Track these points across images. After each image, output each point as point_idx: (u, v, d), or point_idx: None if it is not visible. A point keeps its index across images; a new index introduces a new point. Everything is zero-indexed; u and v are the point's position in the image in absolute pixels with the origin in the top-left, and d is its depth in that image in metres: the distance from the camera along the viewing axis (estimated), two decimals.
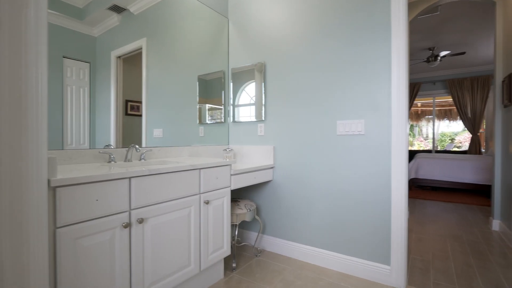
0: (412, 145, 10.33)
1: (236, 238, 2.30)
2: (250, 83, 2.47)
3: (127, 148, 1.75)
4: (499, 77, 2.84)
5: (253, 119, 2.45)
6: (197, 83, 2.35)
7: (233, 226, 2.30)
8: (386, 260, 1.84)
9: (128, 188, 1.25)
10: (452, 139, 9.81)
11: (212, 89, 2.50)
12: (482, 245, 2.52)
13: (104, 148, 1.65)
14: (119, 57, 1.75)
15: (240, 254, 2.31)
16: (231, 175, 1.86)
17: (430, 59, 5.26)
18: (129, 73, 1.81)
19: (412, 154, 7.57)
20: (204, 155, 2.32)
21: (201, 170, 1.63)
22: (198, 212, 1.61)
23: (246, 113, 2.50)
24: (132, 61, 1.83)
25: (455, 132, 9.75)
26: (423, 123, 9.63)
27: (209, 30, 2.43)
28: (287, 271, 2.00)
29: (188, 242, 1.56)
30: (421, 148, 9.65)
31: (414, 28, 4.50)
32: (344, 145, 2.00)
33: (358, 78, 1.93)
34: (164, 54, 2.06)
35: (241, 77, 2.53)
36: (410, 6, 3.26)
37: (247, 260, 2.20)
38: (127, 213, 1.25)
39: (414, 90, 7.05)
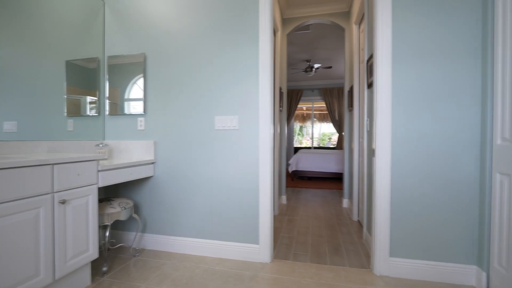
0: (301, 143, 11.95)
1: (108, 239, 2.13)
2: (141, 77, 2.33)
3: None
4: (346, 88, 3.65)
5: (133, 112, 2.32)
6: (65, 69, 2.04)
7: (104, 227, 2.11)
8: (255, 240, 2.09)
9: None
10: (330, 138, 11.90)
11: (85, 78, 2.22)
12: (333, 220, 3.18)
13: None
14: None
15: (115, 256, 2.16)
16: (99, 171, 1.71)
17: (308, 69, 6.23)
18: None
19: (297, 151, 8.74)
20: (69, 150, 2.04)
21: (55, 165, 1.44)
22: (50, 213, 1.42)
23: (136, 107, 2.34)
24: None
25: (332, 132, 11.87)
26: (309, 124, 11.25)
27: (81, 11, 2.15)
28: (166, 266, 2.00)
29: (35, 248, 1.35)
30: (308, 146, 11.22)
31: (294, 42, 5.23)
32: (221, 139, 2.15)
33: (233, 78, 2.11)
34: (18, 31, 1.69)
35: (128, 69, 2.34)
36: (286, 22, 3.78)
37: (124, 261, 2.07)
38: None
39: (298, 96, 8.17)
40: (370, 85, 2.38)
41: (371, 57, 2.30)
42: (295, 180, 5.91)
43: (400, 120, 1.85)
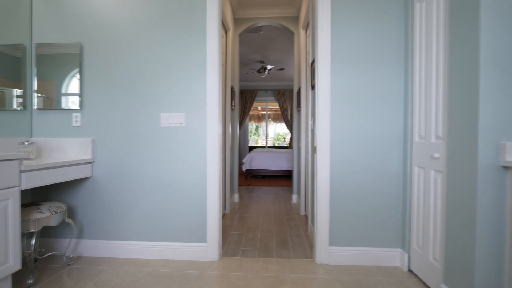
0: (257, 142, 12.14)
1: (35, 248, 1.91)
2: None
3: None
4: (295, 89, 3.83)
5: (69, 107, 2.11)
6: None
7: (31, 234, 1.89)
8: (203, 239, 2.07)
9: None
10: (284, 138, 12.32)
11: (12, 67, 1.95)
12: (283, 215, 3.31)
13: None
14: None
15: (45, 267, 1.94)
16: (22, 171, 1.52)
17: (261, 70, 6.37)
18: None
19: (252, 149, 8.87)
20: None
21: None
22: None
23: (76, 102, 2.12)
24: None
25: (286, 132, 12.31)
26: (264, 124, 11.48)
27: None
28: (106, 272, 1.87)
29: None
30: (263, 145, 11.44)
31: (247, 42, 5.30)
32: (167, 137, 2.08)
33: (180, 74, 2.06)
34: None
35: (64, 60, 2.10)
36: (238, 22, 3.81)
37: (55, 271, 1.87)
38: None
39: (252, 96, 8.29)
40: (313, 87, 2.54)
41: (314, 61, 2.46)
42: (249, 179, 6.00)
43: (338, 119, 2.01)
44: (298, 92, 3.63)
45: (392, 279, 1.80)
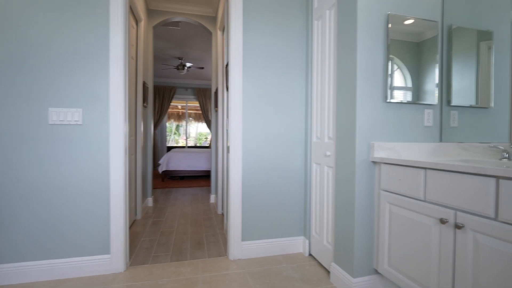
0: (177, 142, 11.61)
1: None
2: None
3: None
4: (213, 89, 3.84)
5: None
6: None
7: None
8: (106, 250, 1.87)
9: None
10: (206, 138, 12.15)
11: None
12: (200, 216, 3.28)
13: None
14: None
15: None
16: None
17: (180, 67, 6.13)
18: None
19: (170, 150, 8.43)
20: None
21: None
22: None
23: None
24: None
25: (208, 132, 12.15)
26: (185, 123, 11.06)
27: None
28: None
29: None
30: (183, 145, 11.02)
31: (164, 36, 5.02)
32: (59, 136, 1.78)
33: (77, 64, 1.79)
34: None
35: None
36: (152, 13, 3.57)
37: None
38: None
39: (171, 93, 7.89)
40: (228, 88, 2.60)
41: (228, 64, 2.52)
42: (166, 181, 5.69)
43: (250, 121, 2.12)
44: (216, 92, 3.65)
45: (295, 264, 2.01)
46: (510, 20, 1.40)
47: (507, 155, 1.29)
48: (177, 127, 11.59)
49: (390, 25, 1.57)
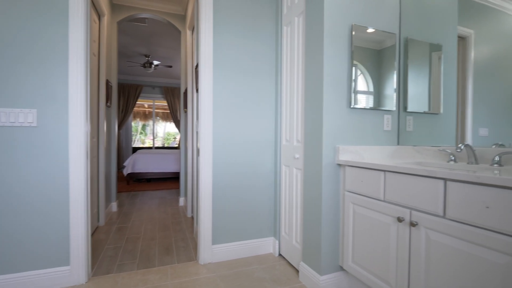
0: (143, 143, 11.12)
1: None
2: None
3: None
4: (182, 89, 3.75)
5: None
6: None
7: None
8: (65, 261, 1.74)
9: None
10: (175, 138, 11.78)
11: None
12: (168, 220, 3.18)
13: None
14: None
15: None
16: None
17: (146, 65, 5.88)
18: None
19: (136, 151, 8.07)
20: None
21: None
22: None
23: None
24: None
25: (177, 132, 11.79)
26: (152, 122, 10.63)
27: None
28: None
29: None
30: (150, 146, 10.60)
31: (131, 32, 4.78)
32: (8, 139, 1.62)
33: (30, 60, 1.65)
34: None
35: None
36: (117, 8, 3.39)
37: None
38: None
39: (137, 91, 7.55)
40: (198, 90, 2.56)
41: (198, 65, 2.48)
42: (132, 184, 5.43)
43: (220, 123, 2.10)
44: (185, 93, 3.57)
45: (266, 265, 2.04)
46: (456, 35, 1.56)
47: (453, 158, 1.44)
48: (144, 126, 11.10)
49: (354, 33, 1.67)
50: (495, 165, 1.23)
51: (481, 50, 1.43)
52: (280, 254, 2.21)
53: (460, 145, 1.30)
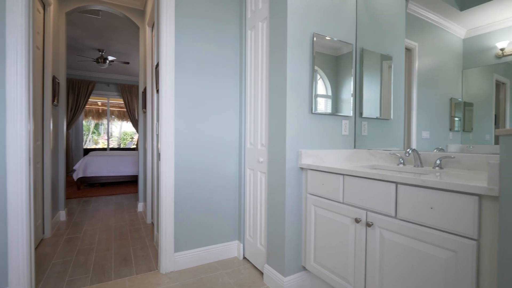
0: (97, 143, 10.30)
1: None
2: None
3: None
4: (141, 88, 3.55)
5: None
6: None
7: None
8: (3, 282, 1.53)
9: None
10: (132, 138, 11.08)
11: None
12: (126, 228, 2.99)
13: None
14: None
15: None
16: None
17: (100, 60, 5.45)
18: None
19: (88, 153, 7.44)
20: None
21: None
22: None
23: None
24: None
25: (134, 131, 11.11)
26: (106, 121, 9.88)
27: None
28: None
29: None
30: (104, 147, 9.86)
31: (81, 25, 4.39)
32: None
33: None
34: None
35: None
36: None
37: None
38: None
39: (88, 88, 6.96)
40: (158, 91, 2.44)
41: (158, 65, 2.37)
42: (83, 189, 4.99)
43: (182, 126, 2.03)
44: (144, 92, 3.39)
45: (231, 269, 2.03)
46: (403, 47, 1.71)
47: (402, 161, 1.58)
48: (96, 125, 10.28)
49: (315, 39, 1.74)
50: (437, 167, 1.38)
51: (423, 61, 1.59)
52: (244, 257, 2.21)
53: (408, 150, 1.43)
